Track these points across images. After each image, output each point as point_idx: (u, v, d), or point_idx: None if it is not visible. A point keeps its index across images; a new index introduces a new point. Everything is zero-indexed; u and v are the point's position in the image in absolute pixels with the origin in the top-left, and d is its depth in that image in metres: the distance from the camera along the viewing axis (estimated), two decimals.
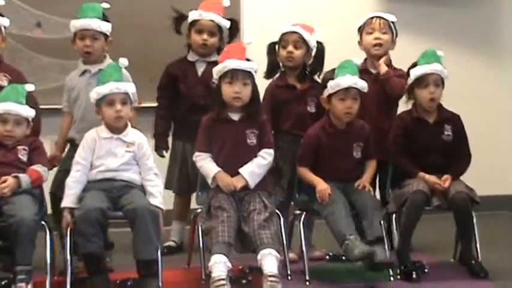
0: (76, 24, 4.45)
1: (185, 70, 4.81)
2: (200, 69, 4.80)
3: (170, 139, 4.90)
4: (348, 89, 4.24)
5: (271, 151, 4.17)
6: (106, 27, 4.46)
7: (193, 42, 4.79)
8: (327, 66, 4.45)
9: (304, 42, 4.57)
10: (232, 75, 4.08)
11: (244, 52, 4.16)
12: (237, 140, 4.13)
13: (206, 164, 4.12)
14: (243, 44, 4.23)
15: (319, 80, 4.51)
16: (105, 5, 4.52)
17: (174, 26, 4.81)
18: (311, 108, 4.58)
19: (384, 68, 4.67)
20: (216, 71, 4.14)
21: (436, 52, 4.43)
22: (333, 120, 4.33)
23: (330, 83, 4.26)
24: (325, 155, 4.30)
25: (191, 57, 4.83)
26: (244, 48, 4.17)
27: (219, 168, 4.08)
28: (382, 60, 4.71)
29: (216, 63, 4.58)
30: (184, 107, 4.78)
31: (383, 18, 4.76)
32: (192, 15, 4.75)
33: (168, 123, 4.85)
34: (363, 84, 4.27)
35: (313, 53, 4.62)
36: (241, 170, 4.08)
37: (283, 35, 4.60)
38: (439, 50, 4.47)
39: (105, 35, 4.47)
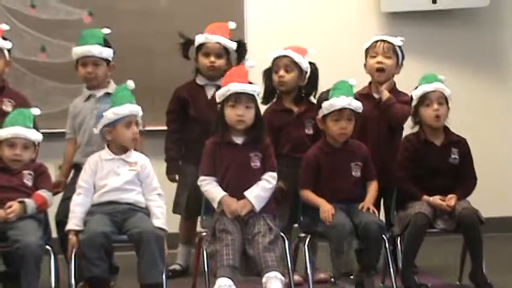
0: (77, 51, 4.49)
1: (194, 94, 4.81)
2: (210, 92, 4.80)
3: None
4: (342, 110, 4.25)
5: (275, 174, 4.18)
6: (107, 52, 4.49)
7: (200, 65, 4.80)
8: (331, 86, 4.45)
9: (296, 64, 4.58)
10: (236, 98, 4.10)
11: (247, 75, 4.18)
12: (241, 163, 4.14)
13: (212, 189, 4.12)
14: (245, 67, 4.24)
15: (315, 101, 4.52)
16: (106, 31, 4.55)
17: (182, 51, 4.83)
18: (309, 130, 4.58)
19: (385, 95, 4.66)
20: (219, 95, 4.15)
21: (437, 75, 4.44)
22: (328, 140, 4.34)
23: (324, 104, 4.27)
24: (325, 175, 4.30)
25: (200, 80, 4.84)
26: (246, 72, 4.19)
27: (225, 193, 4.09)
28: (384, 86, 4.70)
29: None
30: (194, 130, 4.76)
31: (388, 42, 4.76)
32: (198, 39, 4.77)
33: (179, 147, 4.84)
34: (357, 105, 4.28)
35: (307, 75, 4.63)
36: (247, 194, 4.08)
37: (274, 60, 4.62)
38: (442, 70, 4.48)
39: (107, 60, 4.50)
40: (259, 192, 4.10)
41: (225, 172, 4.13)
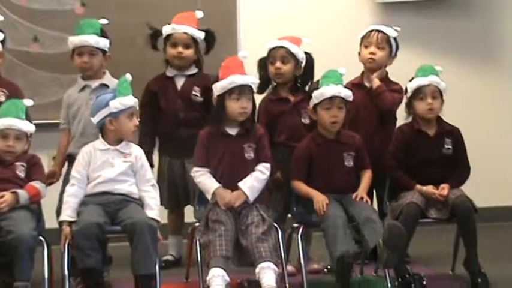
0: (74, 40, 4.48)
1: (164, 86, 4.81)
2: (179, 83, 4.80)
3: (155, 156, 4.85)
4: (332, 98, 4.26)
5: (269, 165, 4.19)
6: (104, 43, 4.49)
7: (169, 56, 4.79)
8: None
9: (292, 55, 4.58)
10: (240, 91, 4.10)
11: (243, 66, 4.18)
12: (235, 154, 4.14)
13: (205, 180, 4.13)
14: (239, 58, 4.23)
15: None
16: (103, 21, 4.55)
17: (150, 43, 4.82)
18: (305, 120, 4.57)
19: (376, 83, 4.68)
20: (220, 87, 4.12)
21: (433, 67, 4.43)
22: (321, 130, 4.35)
23: (315, 93, 4.29)
24: (318, 166, 4.31)
25: (170, 72, 4.83)
26: (242, 63, 4.19)
27: (219, 184, 4.09)
28: (375, 75, 4.71)
29: (194, 76, 4.69)
30: (167, 122, 4.77)
31: (382, 32, 4.76)
32: (166, 30, 4.76)
33: (152, 140, 4.79)
34: (347, 93, 4.29)
35: (303, 65, 4.62)
36: (240, 185, 4.09)
37: (270, 50, 4.61)
38: (437, 61, 4.47)
39: (103, 51, 4.49)
40: (252, 183, 4.11)
41: (219, 163, 4.14)
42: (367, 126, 4.64)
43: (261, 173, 4.16)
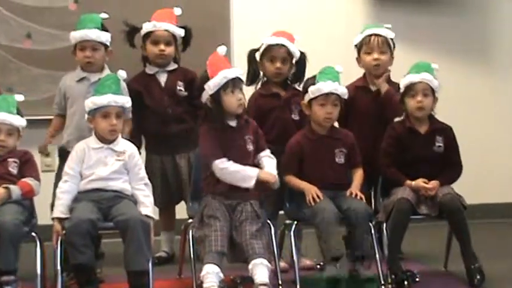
0: (76, 35, 4.49)
1: (147, 84, 4.78)
2: (162, 79, 4.79)
3: (143, 155, 4.82)
4: (328, 95, 4.26)
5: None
6: (105, 37, 4.50)
7: (150, 54, 4.78)
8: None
9: (290, 55, 4.58)
10: (233, 84, 4.09)
11: (228, 61, 4.21)
12: (240, 146, 4.13)
13: (241, 167, 4.06)
14: (220, 53, 4.21)
15: (300, 89, 4.52)
16: (104, 15, 4.56)
17: (128, 40, 4.80)
18: (295, 116, 4.57)
19: (384, 87, 4.67)
20: (213, 85, 4.07)
21: (429, 64, 4.41)
22: (313, 126, 4.36)
23: (311, 88, 4.28)
24: (309, 162, 4.31)
25: (150, 70, 4.82)
26: (226, 58, 4.20)
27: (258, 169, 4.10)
28: (382, 79, 4.69)
29: (175, 71, 4.71)
30: (154, 120, 4.75)
31: (380, 35, 4.73)
32: (146, 27, 4.76)
33: (138, 140, 4.71)
34: (343, 91, 4.30)
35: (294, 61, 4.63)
36: (268, 169, 4.13)
37: (270, 47, 4.59)
38: (431, 58, 4.47)
39: (105, 45, 4.49)
40: (273, 166, 4.16)
41: (225, 156, 4.08)
42: (371, 128, 4.63)
43: (271, 158, 4.21)
